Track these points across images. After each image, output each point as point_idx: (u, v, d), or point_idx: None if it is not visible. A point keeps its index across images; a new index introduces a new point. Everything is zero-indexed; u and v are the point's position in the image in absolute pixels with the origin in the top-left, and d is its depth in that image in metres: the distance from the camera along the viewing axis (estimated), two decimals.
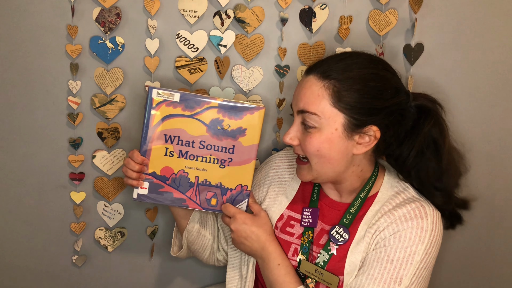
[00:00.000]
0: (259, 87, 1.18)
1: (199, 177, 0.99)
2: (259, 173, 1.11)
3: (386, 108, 0.89)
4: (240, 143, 0.97)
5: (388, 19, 1.15)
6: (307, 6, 1.14)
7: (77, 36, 1.10)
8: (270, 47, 1.16)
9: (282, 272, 0.95)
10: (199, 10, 1.11)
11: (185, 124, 0.96)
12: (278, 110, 1.20)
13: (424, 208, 0.91)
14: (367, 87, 0.88)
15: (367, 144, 0.91)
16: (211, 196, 1.00)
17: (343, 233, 0.94)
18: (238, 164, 0.99)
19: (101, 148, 1.18)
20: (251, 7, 1.12)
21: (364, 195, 0.96)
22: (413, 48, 1.16)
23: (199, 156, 0.98)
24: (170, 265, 1.30)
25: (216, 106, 0.95)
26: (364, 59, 0.92)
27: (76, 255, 1.24)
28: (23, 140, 1.15)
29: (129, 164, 0.97)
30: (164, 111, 0.95)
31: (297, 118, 0.93)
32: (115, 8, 1.09)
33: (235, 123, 0.96)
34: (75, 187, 1.20)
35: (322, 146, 0.89)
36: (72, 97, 1.13)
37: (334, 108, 0.88)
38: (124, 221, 1.24)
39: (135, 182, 0.98)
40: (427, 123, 0.93)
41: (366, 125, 0.89)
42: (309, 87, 0.90)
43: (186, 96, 0.95)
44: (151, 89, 0.94)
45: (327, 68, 0.89)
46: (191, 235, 1.09)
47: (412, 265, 0.87)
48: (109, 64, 1.12)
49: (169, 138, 0.97)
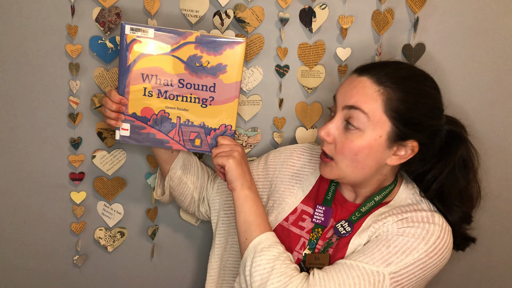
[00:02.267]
0: (259, 87, 1.18)
1: (180, 118, 0.97)
2: (276, 156, 1.10)
3: (431, 127, 0.91)
4: (221, 81, 0.95)
5: (386, 19, 1.14)
6: (307, 6, 1.13)
7: (77, 36, 1.10)
8: (270, 47, 1.16)
9: (264, 210, 0.97)
10: (201, 10, 1.10)
11: (162, 62, 0.94)
12: (278, 110, 1.20)
13: (434, 217, 0.90)
14: (419, 103, 0.89)
15: (403, 157, 0.91)
16: (194, 137, 0.99)
17: (347, 227, 0.94)
18: (220, 103, 0.96)
19: (101, 148, 1.18)
20: (251, 7, 1.12)
21: (378, 199, 0.96)
22: (414, 48, 1.16)
23: (179, 96, 0.96)
24: (170, 265, 1.30)
25: (193, 41, 0.92)
26: (419, 74, 0.93)
27: (76, 255, 1.24)
28: (23, 140, 1.15)
29: (107, 104, 0.97)
30: (139, 49, 0.93)
31: (339, 115, 0.92)
32: (115, 8, 1.09)
33: (214, 59, 0.93)
34: (75, 187, 1.20)
35: (361, 151, 0.89)
36: (72, 97, 1.13)
37: (384, 114, 0.88)
38: (124, 221, 1.24)
39: (113, 122, 0.98)
40: (460, 148, 0.96)
41: (408, 138, 0.90)
42: (363, 88, 0.89)
43: (160, 31, 0.93)
44: (124, 25, 0.92)
45: (384, 75, 0.89)
46: (173, 182, 1.09)
47: (407, 258, 0.86)
48: (109, 64, 1.12)
49: (147, 77, 0.95)
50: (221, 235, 1.11)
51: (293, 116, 1.21)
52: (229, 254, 1.09)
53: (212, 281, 1.11)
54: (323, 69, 1.18)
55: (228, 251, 1.09)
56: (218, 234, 1.12)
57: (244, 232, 0.94)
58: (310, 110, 1.20)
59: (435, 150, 0.95)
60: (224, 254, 1.10)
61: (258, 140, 1.21)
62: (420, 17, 1.15)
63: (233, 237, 1.09)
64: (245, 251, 0.92)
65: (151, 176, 1.21)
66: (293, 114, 1.20)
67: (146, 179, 1.21)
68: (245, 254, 0.91)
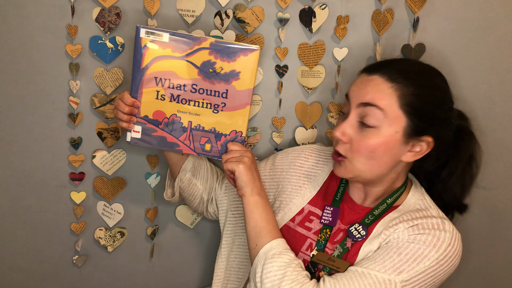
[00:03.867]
0: (259, 87, 1.18)
1: (192, 122, 0.97)
2: (284, 156, 1.10)
3: (445, 120, 0.92)
4: (234, 88, 0.95)
5: (386, 19, 1.14)
6: (307, 6, 1.13)
7: (77, 36, 1.10)
8: (269, 47, 1.16)
9: (274, 216, 0.96)
10: (197, 10, 1.11)
11: (176, 66, 0.94)
12: (278, 110, 1.20)
13: (444, 224, 0.90)
14: (432, 96, 0.90)
15: (418, 153, 0.92)
16: (205, 142, 0.99)
17: (361, 230, 0.93)
18: (232, 110, 0.97)
19: (101, 148, 1.18)
20: (251, 7, 1.12)
21: (390, 202, 0.96)
22: (413, 48, 1.16)
23: (191, 100, 0.96)
24: (170, 265, 1.30)
25: (207, 47, 0.93)
26: (428, 69, 0.95)
27: (76, 255, 1.24)
28: (23, 140, 1.15)
29: (119, 106, 0.97)
30: (153, 52, 0.93)
31: (354, 113, 0.92)
32: (115, 8, 1.09)
33: (228, 66, 0.94)
34: (75, 187, 1.20)
35: (378, 148, 0.89)
36: (73, 97, 1.14)
37: (400, 109, 0.88)
38: (124, 221, 1.24)
39: (126, 125, 0.98)
40: (470, 143, 0.99)
41: (424, 134, 0.90)
42: (376, 85, 0.90)
43: (175, 35, 0.93)
44: (139, 28, 0.92)
45: (394, 72, 0.90)
46: (182, 183, 1.10)
47: (419, 266, 0.85)
48: (109, 64, 1.12)
49: (160, 81, 0.95)
50: (228, 235, 1.11)
51: (292, 116, 1.21)
52: (235, 254, 1.09)
53: (218, 281, 1.11)
54: (323, 69, 1.18)
55: (235, 251, 1.09)
56: (225, 234, 1.12)
57: (254, 238, 0.93)
58: (310, 110, 1.20)
59: (449, 144, 0.96)
60: (231, 255, 1.10)
61: (258, 140, 1.21)
62: (420, 17, 1.15)
63: (239, 237, 1.09)
64: (256, 257, 0.91)
65: (151, 176, 1.21)
66: (292, 114, 1.20)
67: (146, 179, 1.22)
68: (256, 260, 0.91)
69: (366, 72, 0.93)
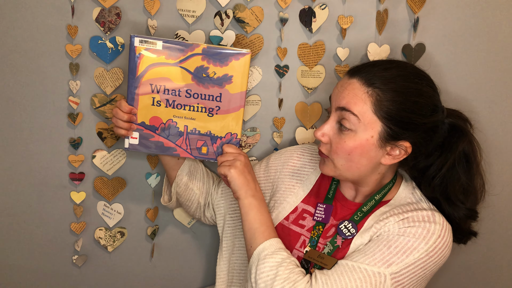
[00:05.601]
0: (259, 87, 1.18)
1: (188, 126, 1.00)
2: (277, 157, 1.11)
3: (423, 125, 0.91)
4: (227, 91, 0.98)
5: (383, 19, 1.14)
6: (307, 6, 1.13)
7: (77, 36, 1.10)
8: (269, 47, 1.16)
9: (269, 216, 0.98)
10: (197, 10, 1.11)
11: (170, 72, 0.97)
12: (278, 110, 1.20)
13: (434, 216, 0.91)
14: (409, 101, 0.89)
15: (397, 157, 0.92)
16: (201, 145, 1.02)
17: (351, 228, 0.95)
18: (226, 112, 0.99)
19: (101, 148, 1.18)
20: (251, 7, 1.12)
21: (378, 198, 0.97)
22: (414, 48, 1.16)
23: (186, 105, 0.99)
24: (170, 265, 1.30)
25: (200, 53, 0.96)
26: (410, 72, 0.93)
27: (76, 255, 1.24)
28: (23, 140, 1.16)
29: (118, 114, 0.98)
30: (148, 60, 0.96)
31: (334, 116, 0.93)
32: (115, 8, 1.09)
33: (220, 70, 0.97)
34: (75, 187, 1.20)
35: (354, 151, 0.91)
36: (73, 97, 1.14)
37: (375, 115, 0.89)
38: (124, 221, 1.24)
39: (124, 132, 0.99)
40: (460, 143, 0.96)
41: (401, 138, 0.90)
42: (353, 90, 0.90)
43: (169, 43, 0.95)
44: (133, 38, 0.95)
45: (372, 76, 0.90)
46: (179, 188, 1.11)
47: (408, 258, 0.86)
48: (109, 64, 1.12)
49: (155, 88, 0.98)
50: (228, 238, 1.12)
51: (292, 116, 1.21)
52: (237, 256, 1.10)
53: (222, 283, 1.12)
54: (323, 69, 1.18)
55: (236, 253, 1.10)
56: (225, 237, 1.12)
57: (249, 239, 0.95)
58: (310, 110, 1.20)
59: (434, 145, 0.95)
60: (232, 257, 1.10)
61: (257, 140, 1.21)
62: (420, 17, 1.15)
63: (239, 239, 1.10)
64: (251, 259, 0.93)
65: (151, 176, 1.21)
66: (293, 114, 1.20)
67: (146, 179, 1.22)
68: (251, 261, 0.93)
69: (348, 74, 0.94)
